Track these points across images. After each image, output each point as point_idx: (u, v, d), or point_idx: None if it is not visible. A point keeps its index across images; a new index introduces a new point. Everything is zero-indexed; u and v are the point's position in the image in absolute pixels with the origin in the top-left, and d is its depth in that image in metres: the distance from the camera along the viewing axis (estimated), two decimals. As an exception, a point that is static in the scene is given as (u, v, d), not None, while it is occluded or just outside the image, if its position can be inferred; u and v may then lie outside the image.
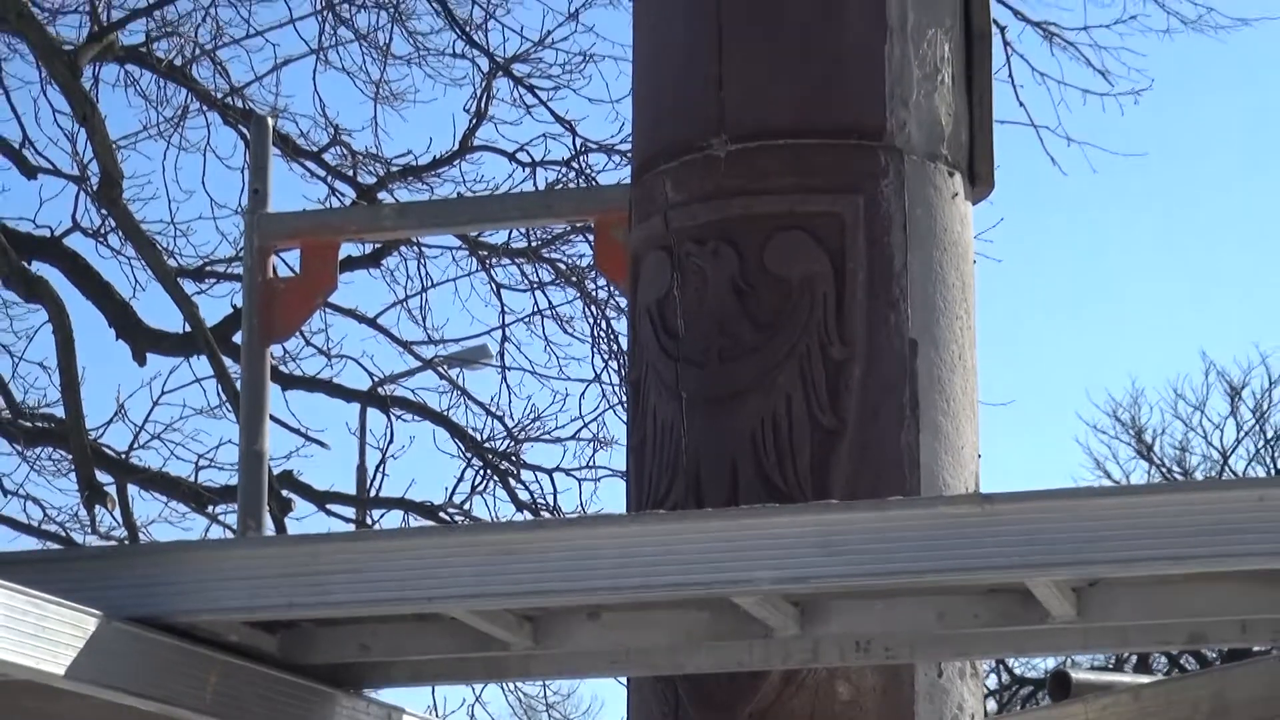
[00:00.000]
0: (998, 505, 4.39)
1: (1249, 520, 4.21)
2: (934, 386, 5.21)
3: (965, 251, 5.42)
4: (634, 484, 5.33)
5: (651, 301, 5.33)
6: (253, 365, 7.52)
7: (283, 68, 16.05)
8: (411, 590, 4.49)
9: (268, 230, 7.46)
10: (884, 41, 5.31)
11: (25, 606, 3.97)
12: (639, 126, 5.70)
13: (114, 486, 15.77)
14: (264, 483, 7.49)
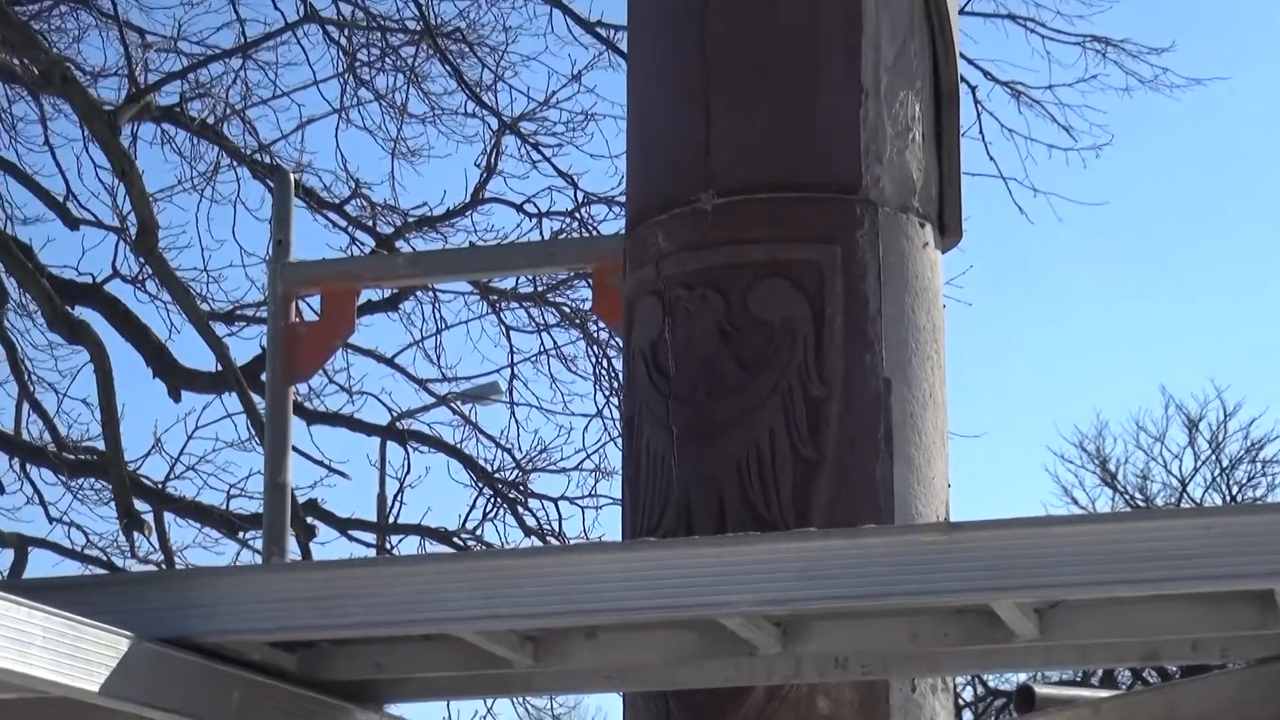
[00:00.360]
0: (964, 533, 4.40)
1: (1198, 547, 4.21)
2: (907, 422, 5.22)
3: (935, 296, 5.43)
4: (629, 512, 5.33)
5: (644, 343, 5.34)
6: (276, 403, 7.51)
7: (307, 126, 16.07)
8: (421, 613, 4.49)
9: (290, 278, 7.46)
10: (859, 103, 5.32)
11: (62, 629, 3.97)
12: (632, 182, 5.72)
13: (151, 514, 15.78)
14: (287, 512, 7.49)
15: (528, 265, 12.58)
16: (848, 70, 5.33)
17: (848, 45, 5.35)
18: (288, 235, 7.57)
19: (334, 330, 7.57)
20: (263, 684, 4.60)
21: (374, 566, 5.38)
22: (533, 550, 9.16)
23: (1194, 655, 4.78)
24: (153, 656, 4.24)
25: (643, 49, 5.75)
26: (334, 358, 13.11)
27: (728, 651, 4.60)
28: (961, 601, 4.39)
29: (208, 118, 15.94)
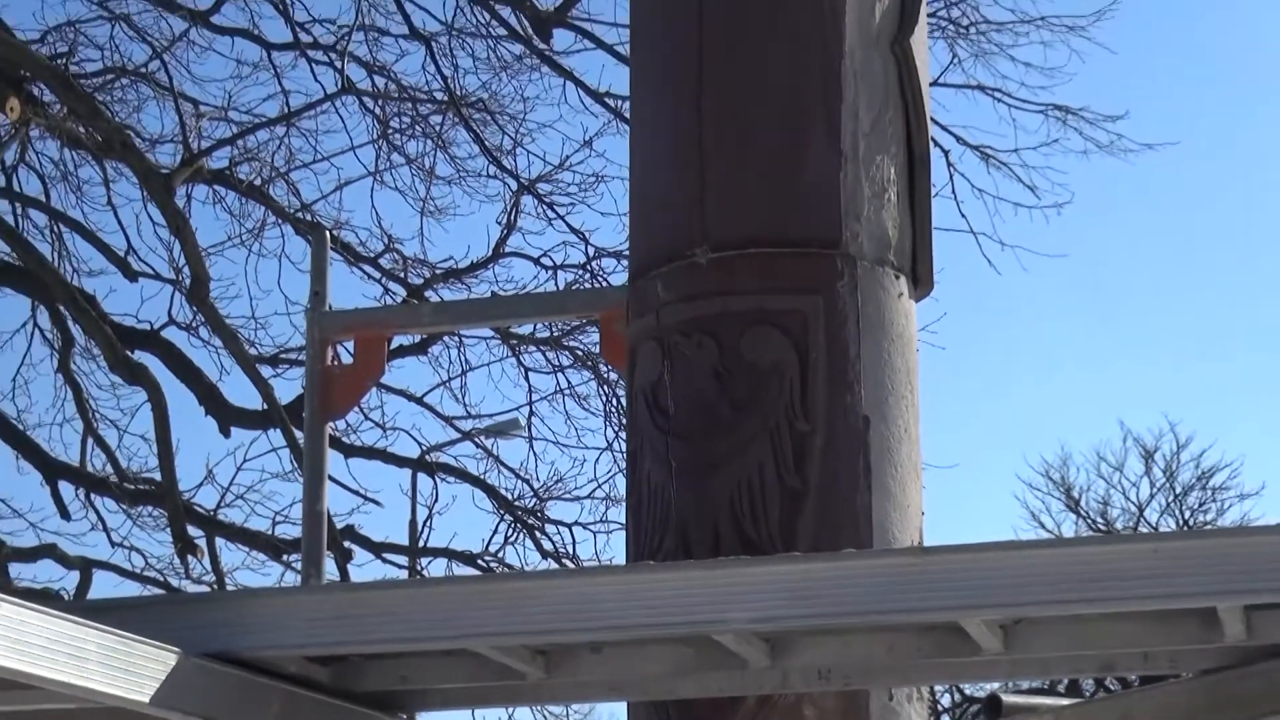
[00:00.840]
0: (936, 556, 4.39)
1: (1147, 569, 4.20)
2: (884, 456, 5.21)
3: (910, 342, 5.42)
4: (632, 538, 5.32)
5: (646, 384, 5.33)
6: (314, 438, 7.53)
7: (344, 187, 16.11)
8: (442, 630, 4.49)
9: (326, 325, 7.49)
10: (839, 167, 5.32)
11: (116, 645, 3.98)
12: (635, 238, 5.72)
13: (204, 539, 15.78)
14: (323, 537, 7.50)
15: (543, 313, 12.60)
16: (829, 137, 5.33)
17: (829, 114, 5.35)
18: (324, 287, 7.59)
19: (366, 373, 7.60)
20: (299, 695, 4.59)
21: (399, 588, 5.39)
22: (543, 573, 9.15)
23: (1145, 666, 4.78)
24: (199, 670, 4.23)
25: (644, 117, 5.75)
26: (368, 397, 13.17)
27: (721, 665, 4.59)
28: (933, 619, 4.39)
29: (255, 180, 15.97)
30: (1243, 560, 4.20)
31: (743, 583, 4.37)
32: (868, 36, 5.46)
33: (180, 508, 15.42)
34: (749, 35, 5.45)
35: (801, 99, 5.38)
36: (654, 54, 5.71)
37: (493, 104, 15.75)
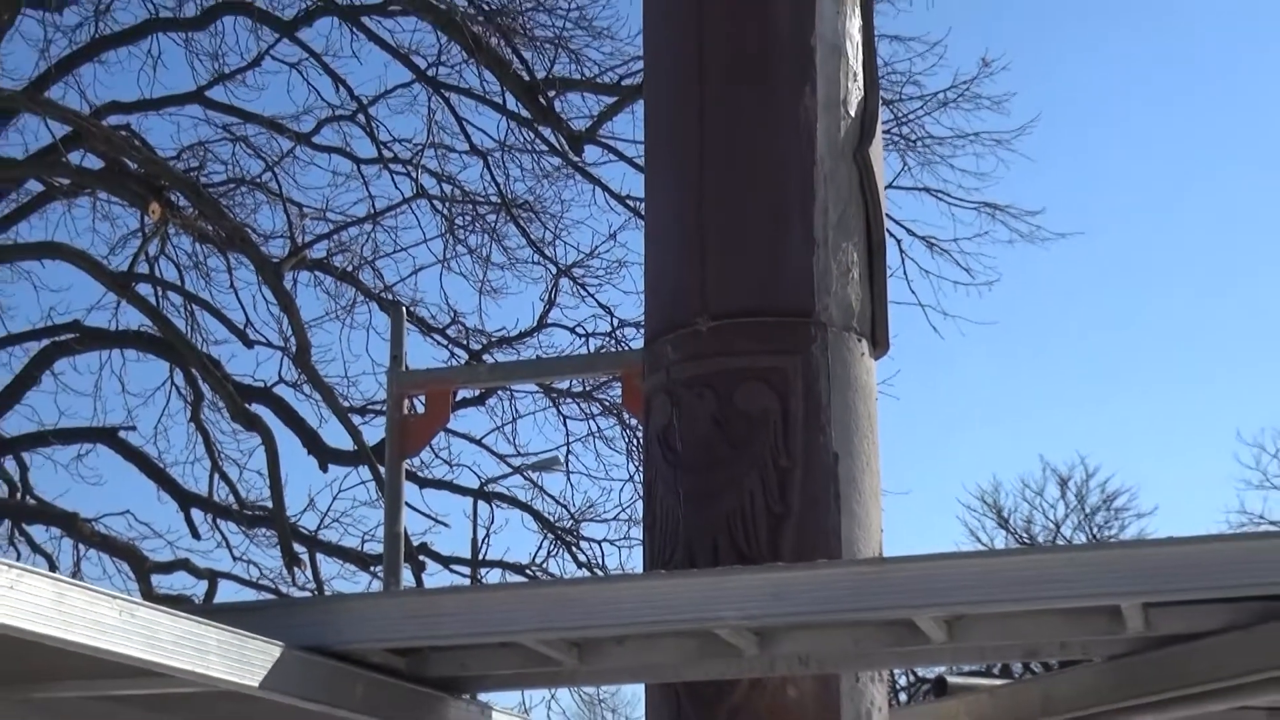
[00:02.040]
0: (892, 565, 4.37)
1: (1064, 574, 4.18)
2: (851, 485, 5.16)
3: (871, 393, 5.38)
4: (648, 552, 5.28)
5: (659, 428, 5.30)
6: (393, 474, 7.53)
7: (418, 272, 16.15)
8: (496, 627, 4.47)
9: (403, 383, 7.50)
10: (813, 252, 5.29)
11: (232, 640, 3.96)
12: (649, 311, 5.68)
13: (306, 554, 15.78)
14: (401, 553, 7.50)
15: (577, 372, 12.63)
16: (804, 228, 5.31)
17: (804, 211, 5.32)
18: (402, 352, 7.62)
19: (436, 421, 7.60)
20: (379, 680, 4.57)
21: (460, 594, 5.34)
22: (576, 580, 9.13)
23: (1063, 653, 4.73)
24: (298, 660, 4.21)
25: (656, 214, 5.73)
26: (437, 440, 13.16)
27: (720, 654, 4.56)
28: (891, 616, 4.36)
29: (347, 267, 16.02)
30: (1141, 567, 4.17)
31: (737, 587, 4.35)
32: (835, 149, 5.44)
33: (288, 529, 15.43)
34: (740, 148, 5.43)
35: (783, 198, 5.36)
36: (665, 164, 5.69)
37: (536, 205, 15.82)
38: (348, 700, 4.41)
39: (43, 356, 16.19)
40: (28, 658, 3.70)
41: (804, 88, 5.42)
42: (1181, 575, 4.13)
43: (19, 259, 16.02)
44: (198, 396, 16.06)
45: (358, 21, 15.51)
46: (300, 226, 15.69)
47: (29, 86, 14.96)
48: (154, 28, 16.01)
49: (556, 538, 16.16)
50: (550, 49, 14.89)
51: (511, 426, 15.89)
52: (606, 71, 14.91)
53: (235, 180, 15.97)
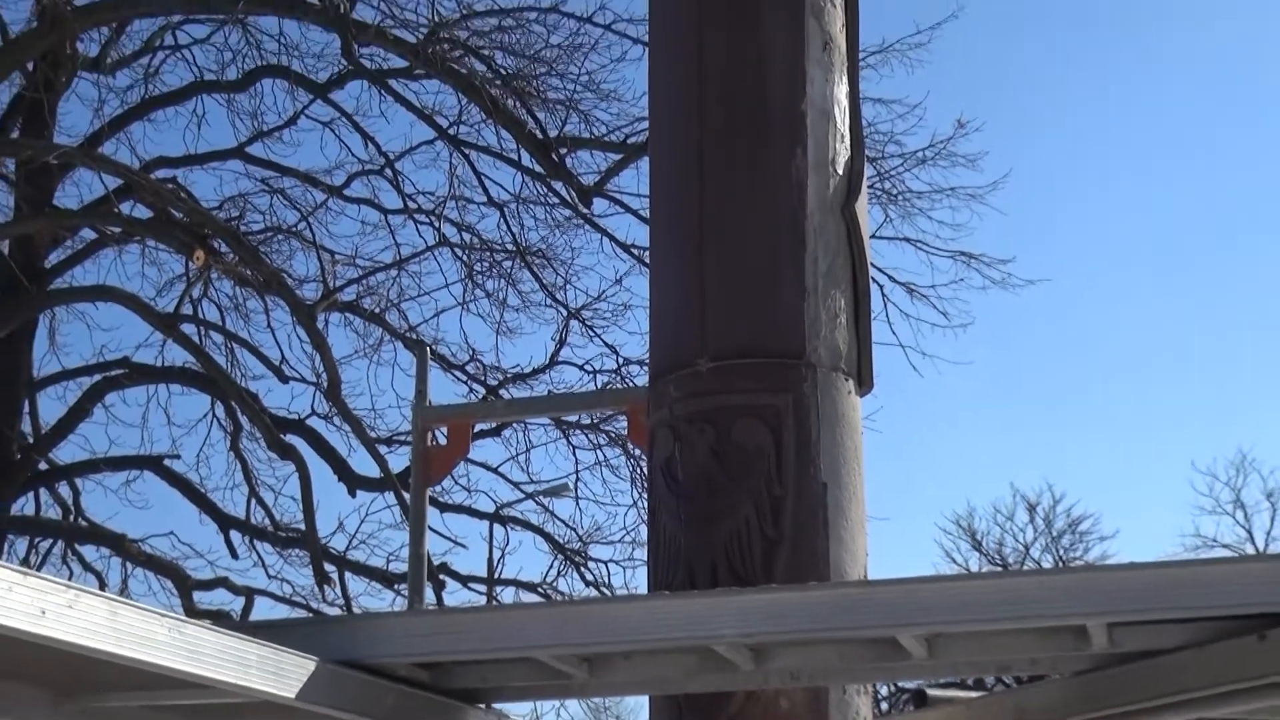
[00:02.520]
0: (876, 587, 4.35)
1: (1034, 596, 4.17)
2: (838, 512, 5.16)
3: (856, 428, 5.39)
4: (651, 574, 5.27)
5: (662, 460, 5.30)
6: (417, 500, 7.51)
7: (440, 314, 16.16)
8: (512, 643, 4.45)
9: (427, 417, 7.49)
10: (803, 299, 5.30)
11: (271, 655, 3.95)
12: (653, 351, 5.69)
13: (336, 573, 15.76)
14: (424, 573, 7.46)
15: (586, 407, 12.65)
16: (796, 277, 5.32)
17: (796, 261, 5.34)
18: (425, 388, 7.61)
19: (456, 452, 7.59)
20: (406, 691, 4.55)
21: (479, 612, 5.33)
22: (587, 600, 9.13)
23: (1033, 669, 4.71)
24: (332, 673, 4.20)
25: (660, 262, 5.74)
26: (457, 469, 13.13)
27: (718, 668, 4.54)
28: (875, 634, 4.34)
29: (375, 309, 16.03)
30: (1105, 590, 4.16)
31: (734, 607, 4.33)
32: (824, 204, 5.45)
33: (319, 550, 15.43)
34: (737, 202, 5.44)
35: (776, 249, 5.37)
36: (667, 216, 5.71)
37: (549, 253, 15.85)
38: (377, 710, 4.39)
39: (95, 390, 16.24)
40: (84, 671, 3.70)
41: (795, 149, 5.44)
42: (1142, 597, 4.13)
43: (74, 301, 16.07)
44: (237, 427, 16.08)
45: (385, 84, 15.57)
46: (332, 272, 15.74)
47: (84, 143, 15.02)
48: (199, 89, 16.11)
49: (566, 558, 16.13)
50: (562, 110, 14.95)
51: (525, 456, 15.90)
52: (613, 131, 14.96)
53: (272, 229, 16.02)
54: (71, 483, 16.60)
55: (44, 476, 16.34)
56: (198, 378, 15.84)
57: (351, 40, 13.99)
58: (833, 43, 5.66)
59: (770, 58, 5.53)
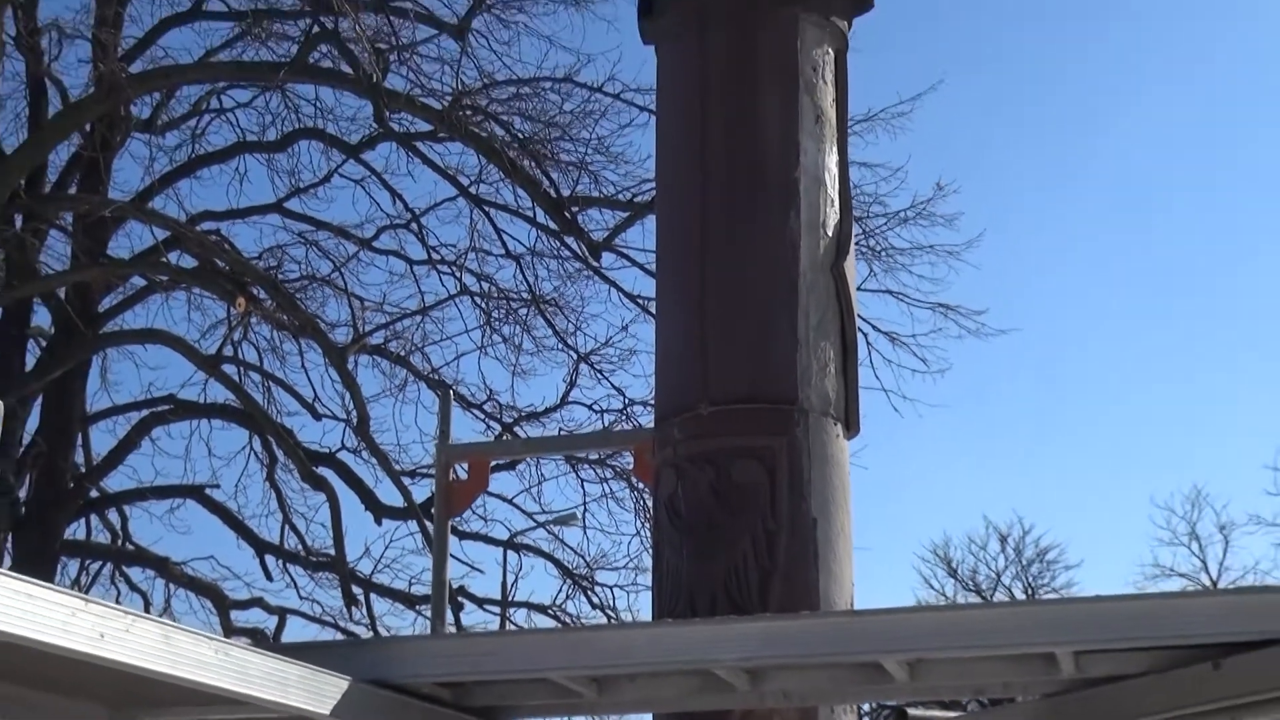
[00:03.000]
0: (863, 616, 4.38)
1: (1007, 625, 4.20)
2: (828, 545, 5.18)
3: (844, 467, 5.41)
4: (655, 602, 5.28)
5: (666, 496, 5.32)
6: (440, 530, 7.52)
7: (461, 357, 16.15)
8: (528, 665, 4.47)
9: (449, 453, 7.50)
10: (796, 350, 5.33)
11: (308, 674, 3.97)
12: (659, 396, 5.72)
13: (362, 595, 15.71)
14: (446, 598, 7.46)
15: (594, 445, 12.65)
16: (789, 330, 5.35)
17: (790, 315, 5.37)
18: (448, 428, 7.62)
19: (476, 486, 7.61)
20: (431, 709, 4.56)
21: (498, 637, 5.37)
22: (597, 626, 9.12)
23: (1006, 692, 4.72)
24: (363, 691, 4.21)
25: (665, 313, 5.77)
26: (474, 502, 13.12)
27: (717, 689, 4.55)
28: (861, 659, 4.36)
29: (400, 352, 16.02)
30: (1073, 620, 4.18)
31: (732, 634, 4.35)
32: (816, 263, 5.49)
33: (347, 573, 15.40)
34: (736, 261, 5.49)
35: (772, 305, 5.41)
36: (672, 271, 5.74)
37: (561, 301, 15.81)
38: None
39: (142, 425, 16.24)
40: (138, 688, 3.72)
41: (789, 212, 5.49)
42: (1107, 628, 4.15)
43: (124, 343, 16.09)
44: (272, 460, 16.06)
45: (413, 146, 15.63)
46: (361, 317, 15.73)
47: (135, 197, 15.05)
48: (241, 149, 16.16)
49: (574, 583, 16.06)
50: (574, 171, 14.97)
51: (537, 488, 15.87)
52: (621, 190, 14.97)
53: (307, 278, 16.01)
54: (120, 510, 16.58)
55: (95, 504, 16.32)
56: (237, 414, 15.83)
57: (383, 106, 14.05)
58: (824, 116, 5.72)
59: (767, 130, 5.59)
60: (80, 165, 15.59)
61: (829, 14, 5.76)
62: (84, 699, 3.97)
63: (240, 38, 15.21)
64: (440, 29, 14.75)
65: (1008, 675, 4.49)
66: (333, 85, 14.74)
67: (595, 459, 15.05)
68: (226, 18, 15.58)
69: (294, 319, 14.72)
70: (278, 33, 14.69)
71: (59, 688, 3.85)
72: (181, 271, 15.10)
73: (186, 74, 14.74)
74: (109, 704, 4.04)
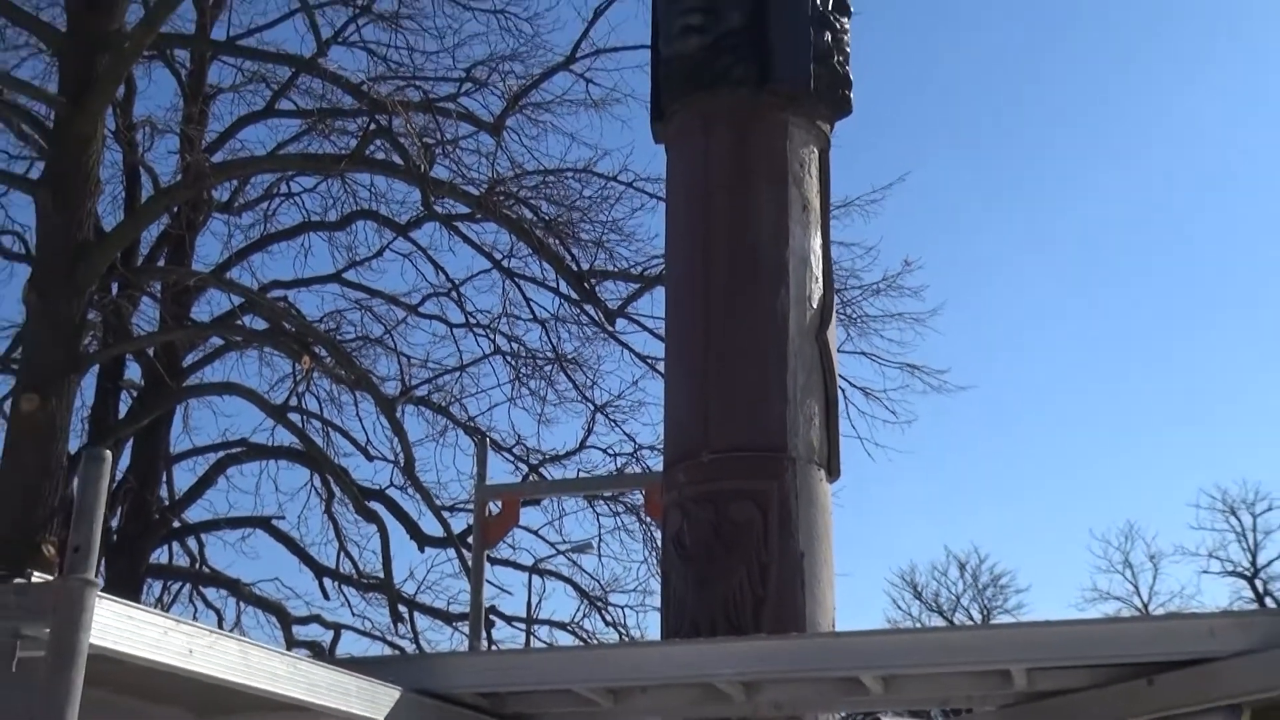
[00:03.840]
0: (844, 638, 4.40)
1: (968, 646, 4.20)
2: (813, 575, 5.18)
3: (827, 508, 5.41)
4: (664, 623, 5.27)
5: (673, 532, 5.32)
6: (477, 560, 7.51)
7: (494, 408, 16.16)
8: (555, 678, 4.48)
9: (484, 492, 7.50)
10: (785, 406, 5.35)
11: (365, 685, 3.98)
12: (666, 445, 5.73)
13: (407, 612, 15.63)
14: (482, 618, 7.43)
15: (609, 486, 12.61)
16: (780, 390, 5.37)
17: (780, 377, 5.39)
18: (485, 471, 7.61)
19: (508, 521, 7.59)
20: (470, 715, 4.56)
21: (527, 653, 5.37)
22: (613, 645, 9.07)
23: (968, 703, 4.71)
24: (413, 700, 4.22)
25: (672, 373, 5.79)
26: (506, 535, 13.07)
27: (717, 700, 4.54)
28: (841, 674, 4.35)
29: (442, 402, 16.02)
30: (1026, 642, 4.19)
31: (730, 652, 4.36)
32: (802, 331, 5.52)
33: (394, 594, 15.32)
34: (734, 330, 5.51)
35: (765, 368, 5.42)
36: (678, 336, 5.77)
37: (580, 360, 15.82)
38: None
39: (219, 464, 16.24)
40: (219, 696, 3.73)
41: (780, 289, 5.52)
42: (1055, 648, 4.16)
43: (204, 394, 16.09)
44: (330, 495, 16.02)
45: (453, 226, 15.69)
46: (408, 373, 15.74)
47: (215, 269, 15.16)
48: (306, 228, 16.24)
49: (590, 603, 15.97)
50: (592, 248, 14.98)
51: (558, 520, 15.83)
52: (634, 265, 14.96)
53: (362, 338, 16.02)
54: (198, 537, 16.54)
55: (176, 533, 16.29)
56: (300, 455, 15.80)
57: (428, 192, 14.11)
58: (809, 205, 5.76)
59: (761, 218, 5.63)
60: (168, 241, 15.70)
61: (814, 119, 5.81)
62: (172, 705, 3.97)
63: (306, 133, 15.36)
64: (479, 127, 14.86)
65: (969, 689, 4.49)
66: (385, 174, 14.80)
67: (609, 496, 15.03)
68: (295, 115, 15.75)
69: (350, 374, 14.72)
70: (339, 129, 14.81)
71: (148, 695, 3.86)
72: (254, 333, 15.14)
73: (260, 164, 14.85)
74: (193, 710, 4.04)
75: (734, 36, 5.68)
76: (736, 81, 5.64)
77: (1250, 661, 3.94)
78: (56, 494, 11.96)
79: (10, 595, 2.97)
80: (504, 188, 14.67)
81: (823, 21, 5.82)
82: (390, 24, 15.48)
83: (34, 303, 12.17)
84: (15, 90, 12.92)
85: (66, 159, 12.44)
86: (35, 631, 3.01)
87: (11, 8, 13.07)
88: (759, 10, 5.70)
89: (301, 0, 15.45)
